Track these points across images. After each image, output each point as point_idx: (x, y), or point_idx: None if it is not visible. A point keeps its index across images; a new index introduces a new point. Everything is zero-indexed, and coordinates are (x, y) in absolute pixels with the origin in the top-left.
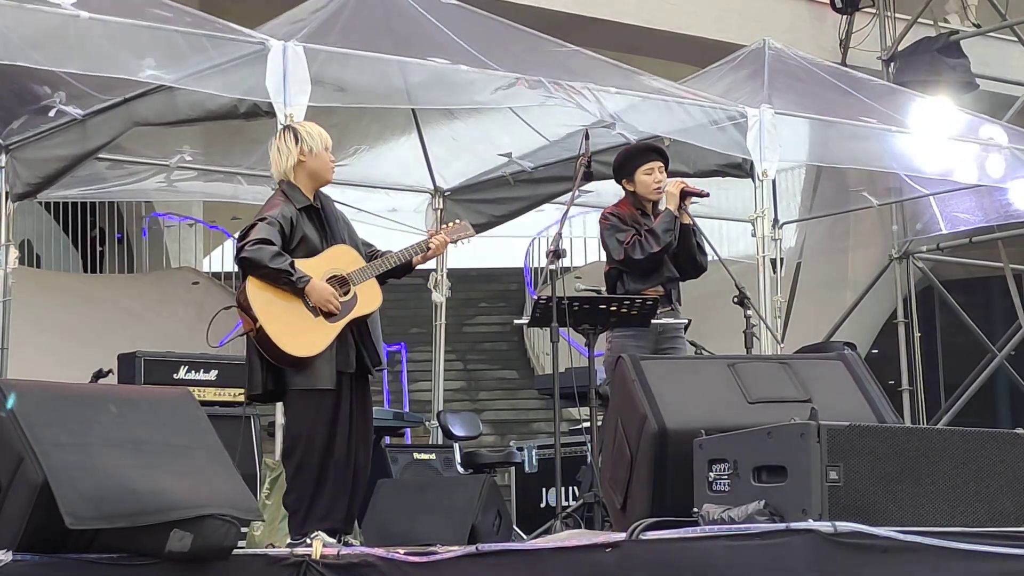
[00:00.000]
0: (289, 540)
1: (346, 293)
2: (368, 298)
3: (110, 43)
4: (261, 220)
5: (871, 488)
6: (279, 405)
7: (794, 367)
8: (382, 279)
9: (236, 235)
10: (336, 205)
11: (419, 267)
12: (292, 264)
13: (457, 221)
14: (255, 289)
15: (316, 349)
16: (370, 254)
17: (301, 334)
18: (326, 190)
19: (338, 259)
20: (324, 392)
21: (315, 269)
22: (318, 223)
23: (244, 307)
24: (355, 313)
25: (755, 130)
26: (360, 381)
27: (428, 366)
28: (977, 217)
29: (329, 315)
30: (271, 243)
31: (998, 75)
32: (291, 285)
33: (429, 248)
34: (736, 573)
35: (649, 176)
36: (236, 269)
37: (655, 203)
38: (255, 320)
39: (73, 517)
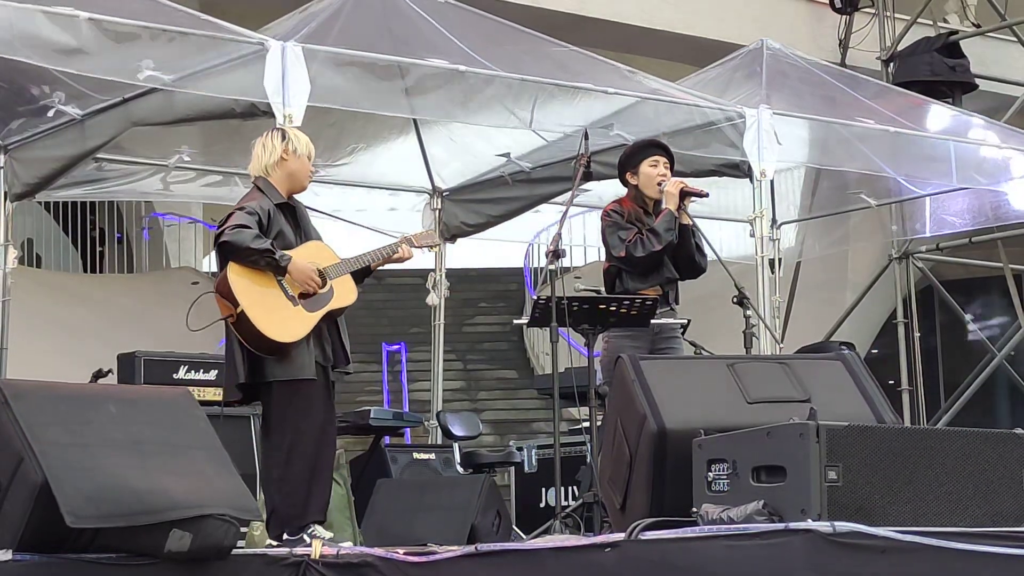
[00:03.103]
0: (287, 537)
1: (323, 286)
2: (344, 292)
3: (109, 44)
4: (239, 209)
5: (870, 488)
6: None
7: (793, 367)
8: (357, 279)
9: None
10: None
11: (418, 267)
12: (273, 244)
13: (424, 230)
14: (235, 275)
15: (295, 336)
16: None
17: (281, 320)
18: (324, 190)
19: (314, 254)
20: (308, 383)
21: None
22: (293, 221)
23: (224, 293)
24: (332, 305)
25: (753, 130)
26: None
27: (428, 366)
28: (965, 220)
29: (308, 304)
30: (250, 228)
31: (998, 75)
32: (274, 264)
33: (395, 253)
34: (735, 573)
35: (653, 168)
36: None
37: (657, 202)
38: (236, 304)
39: (73, 516)
